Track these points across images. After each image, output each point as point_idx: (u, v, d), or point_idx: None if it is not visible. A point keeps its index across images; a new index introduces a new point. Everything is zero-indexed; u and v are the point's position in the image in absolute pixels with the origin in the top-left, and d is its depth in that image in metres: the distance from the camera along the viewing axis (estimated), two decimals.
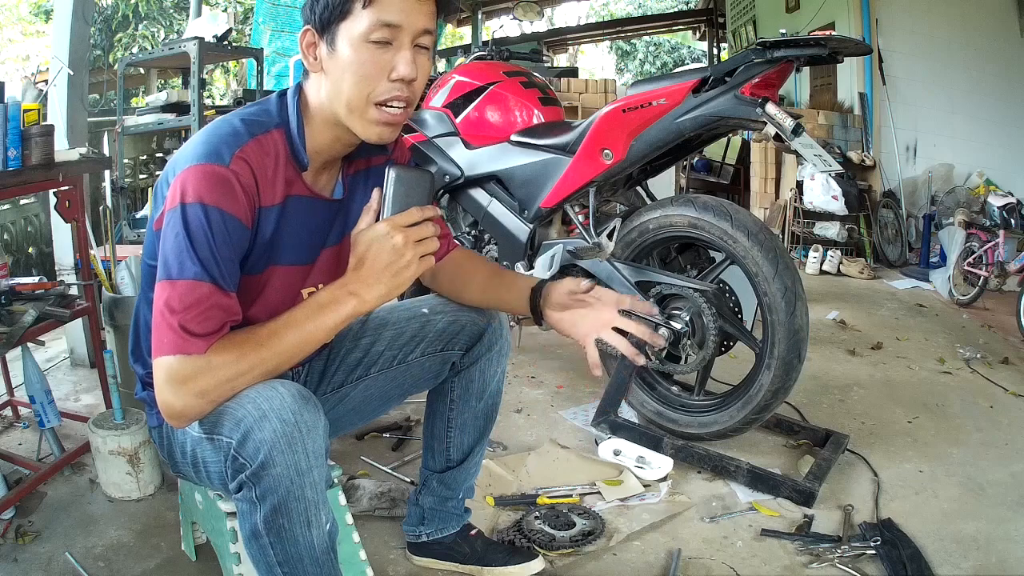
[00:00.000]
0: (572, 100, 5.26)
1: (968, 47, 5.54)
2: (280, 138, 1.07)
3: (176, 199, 0.98)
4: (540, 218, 2.27)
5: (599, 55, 19.64)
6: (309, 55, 1.07)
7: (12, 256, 3.11)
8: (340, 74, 1.04)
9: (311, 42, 1.06)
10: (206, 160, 0.98)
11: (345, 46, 1.03)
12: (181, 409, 0.97)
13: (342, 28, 1.02)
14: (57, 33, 2.54)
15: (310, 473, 0.97)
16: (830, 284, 4.52)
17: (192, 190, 0.97)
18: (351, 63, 1.03)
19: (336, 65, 1.04)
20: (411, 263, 1.02)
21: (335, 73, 1.05)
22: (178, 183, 0.98)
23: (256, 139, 1.04)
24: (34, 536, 1.62)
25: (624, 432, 2.07)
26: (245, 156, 1.01)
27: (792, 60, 1.81)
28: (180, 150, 1.05)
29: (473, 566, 1.53)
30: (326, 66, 1.05)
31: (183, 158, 1.01)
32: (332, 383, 1.39)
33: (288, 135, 1.08)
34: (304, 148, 1.09)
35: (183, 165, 0.99)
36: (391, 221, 1.01)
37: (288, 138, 1.08)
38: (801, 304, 1.87)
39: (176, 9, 10.30)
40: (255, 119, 1.06)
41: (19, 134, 1.73)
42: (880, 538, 1.61)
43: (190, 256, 0.96)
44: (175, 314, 0.95)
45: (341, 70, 1.04)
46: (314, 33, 1.05)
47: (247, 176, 1.01)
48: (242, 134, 1.03)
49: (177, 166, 1.01)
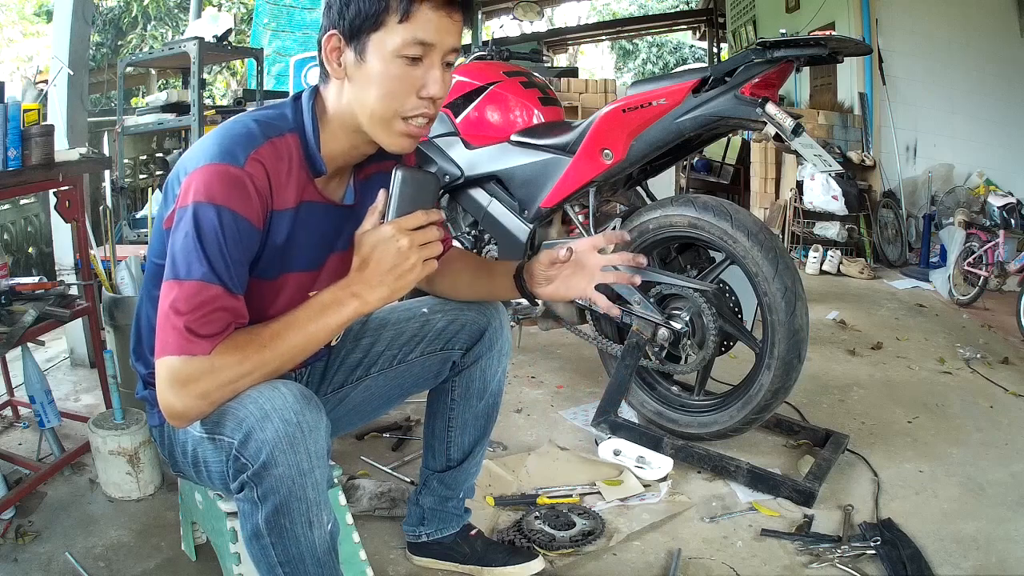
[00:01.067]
0: (572, 100, 5.26)
1: (968, 47, 5.54)
2: (294, 143, 1.06)
3: (188, 198, 0.97)
4: (540, 218, 2.27)
5: (599, 55, 19.64)
6: (332, 61, 1.04)
7: (12, 256, 3.11)
8: (367, 85, 1.03)
9: (336, 47, 1.04)
10: (220, 160, 0.98)
11: (376, 58, 1.02)
12: (183, 410, 0.97)
13: (373, 39, 1.01)
14: (57, 33, 2.53)
15: (312, 473, 0.97)
16: (830, 284, 4.52)
17: (205, 190, 0.96)
18: (381, 77, 1.02)
19: (363, 75, 1.03)
20: (415, 266, 1.02)
21: (361, 83, 1.03)
22: (191, 182, 0.97)
23: (271, 141, 1.03)
24: (34, 536, 1.62)
25: (624, 432, 2.07)
26: (260, 158, 1.00)
27: (792, 60, 1.81)
28: (192, 148, 1.04)
29: (473, 566, 1.53)
30: (351, 73, 1.04)
31: (196, 156, 1.00)
32: (333, 383, 1.39)
33: (303, 140, 1.07)
34: (320, 154, 1.08)
35: (196, 164, 0.98)
36: (397, 224, 1.00)
37: (303, 143, 1.07)
38: (801, 304, 1.87)
39: (183, 11, 10.30)
40: (270, 122, 1.05)
41: (19, 134, 1.73)
42: (880, 538, 1.61)
43: (199, 256, 0.95)
44: (181, 315, 0.94)
45: (369, 81, 1.03)
46: (340, 39, 1.03)
47: (261, 178, 1.00)
48: (257, 136, 1.02)
49: (189, 164, 1.00)
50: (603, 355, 2.32)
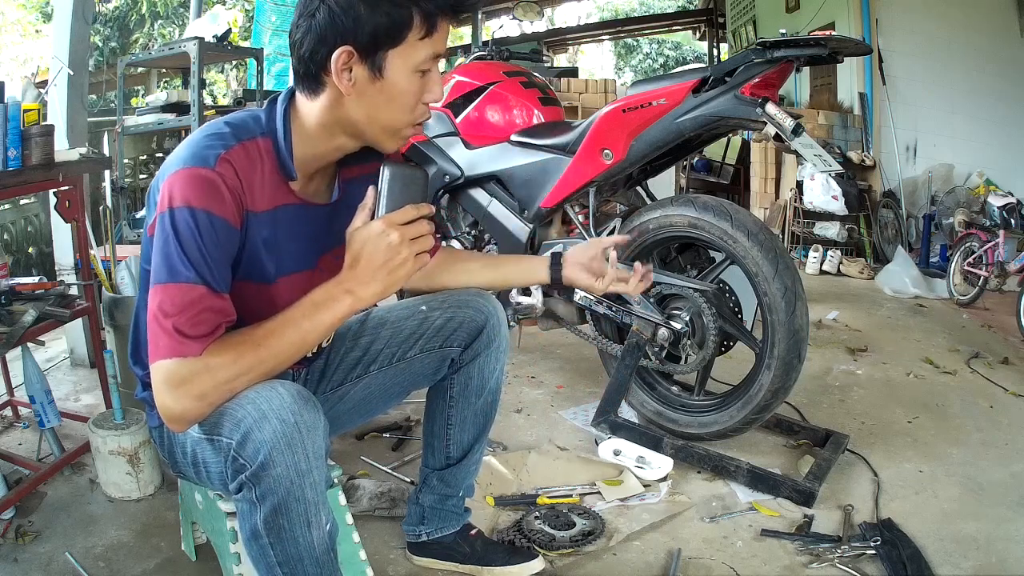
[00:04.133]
0: (572, 100, 5.26)
1: (968, 47, 5.55)
2: (267, 146, 1.07)
3: (164, 204, 0.98)
4: (540, 218, 2.27)
5: (599, 55, 19.64)
6: (342, 77, 1.02)
7: (12, 256, 3.11)
8: (384, 100, 1.04)
9: (347, 63, 1.01)
10: (192, 164, 0.99)
11: (397, 75, 1.03)
12: (180, 412, 0.97)
13: (392, 55, 1.02)
14: (57, 33, 2.53)
15: (310, 473, 0.97)
16: (830, 284, 4.52)
17: (179, 194, 0.97)
18: (402, 93, 1.04)
19: (378, 91, 1.03)
20: (407, 260, 1.02)
21: (374, 97, 1.04)
22: (166, 188, 0.99)
23: (242, 144, 1.04)
24: (34, 536, 1.62)
25: (624, 432, 2.07)
26: (230, 158, 1.01)
27: (792, 60, 1.81)
28: (170, 156, 1.05)
29: (473, 566, 1.53)
30: (361, 89, 1.03)
31: (171, 162, 1.01)
32: (332, 382, 1.39)
33: (275, 144, 1.08)
34: (292, 158, 1.08)
35: (170, 170, 1.00)
36: (387, 219, 1.01)
37: (275, 147, 1.08)
38: (801, 304, 1.87)
39: (187, 8, 10.29)
40: (242, 125, 1.06)
41: (19, 134, 1.73)
42: (880, 538, 1.61)
43: (180, 260, 0.96)
44: (168, 317, 0.95)
45: (386, 96, 1.04)
46: (353, 54, 1.01)
47: (232, 177, 1.01)
48: (228, 136, 1.03)
49: (165, 171, 1.01)
50: (603, 355, 2.32)
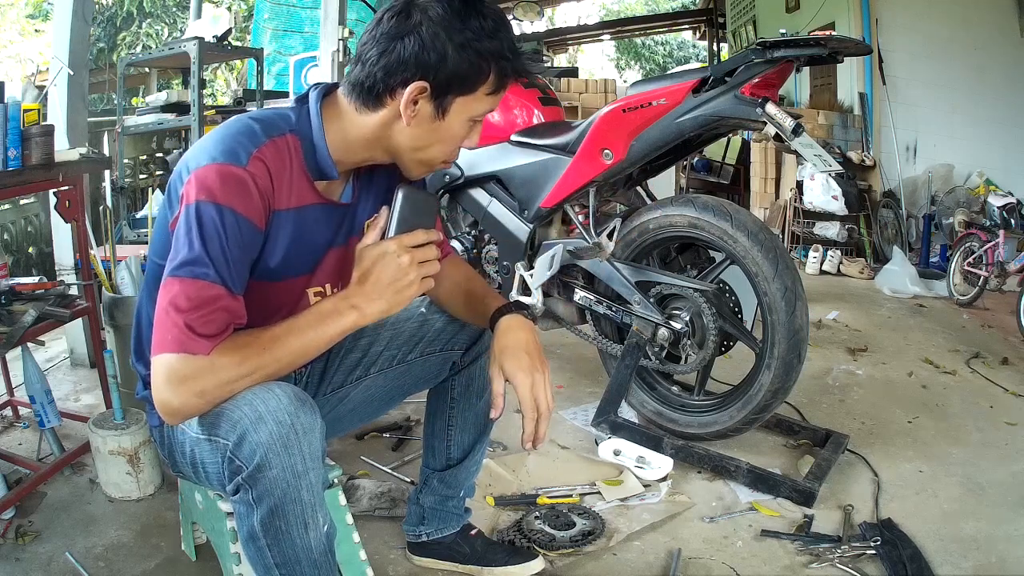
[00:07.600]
0: (572, 100, 5.27)
1: (968, 47, 5.55)
2: (295, 144, 1.07)
3: (191, 197, 0.97)
4: (540, 218, 2.27)
5: (599, 55, 19.64)
6: (409, 107, 1.04)
7: (12, 256, 3.11)
8: (435, 138, 1.08)
9: (418, 96, 1.03)
10: (223, 160, 0.98)
11: (457, 120, 1.07)
12: (178, 407, 0.96)
13: (459, 101, 1.05)
14: (57, 33, 2.53)
15: (307, 475, 0.97)
16: (830, 284, 4.52)
17: (207, 189, 0.96)
18: (453, 136, 1.09)
19: (434, 128, 1.07)
20: (413, 283, 1.04)
21: (428, 133, 1.07)
22: (193, 181, 0.97)
23: (272, 141, 1.03)
24: (34, 536, 1.62)
25: (624, 432, 2.07)
26: (263, 157, 1.01)
27: (792, 60, 1.81)
28: (193, 148, 1.04)
29: (473, 566, 1.53)
30: (420, 121, 1.06)
31: (198, 156, 1.00)
32: (332, 384, 1.39)
33: (304, 142, 1.07)
34: (331, 158, 1.09)
35: (198, 163, 0.99)
36: (399, 240, 1.03)
37: (304, 146, 1.07)
38: (801, 304, 1.87)
39: (179, 7, 10.25)
40: (269, 121, 1.06)
41: (19, 134, 1.73)
42: (880, 538, 1.61)
43: (202, 255, 0.95)
44: (181, 312, 0.94)
45: (438, 135, 1.08)
46: (427, 89, 1.03)
47: (263, 178, 1.01)
48: (259, 135, 1.02)
49: (192, 164, 1.00)
50: (603, 355, 2.32)
